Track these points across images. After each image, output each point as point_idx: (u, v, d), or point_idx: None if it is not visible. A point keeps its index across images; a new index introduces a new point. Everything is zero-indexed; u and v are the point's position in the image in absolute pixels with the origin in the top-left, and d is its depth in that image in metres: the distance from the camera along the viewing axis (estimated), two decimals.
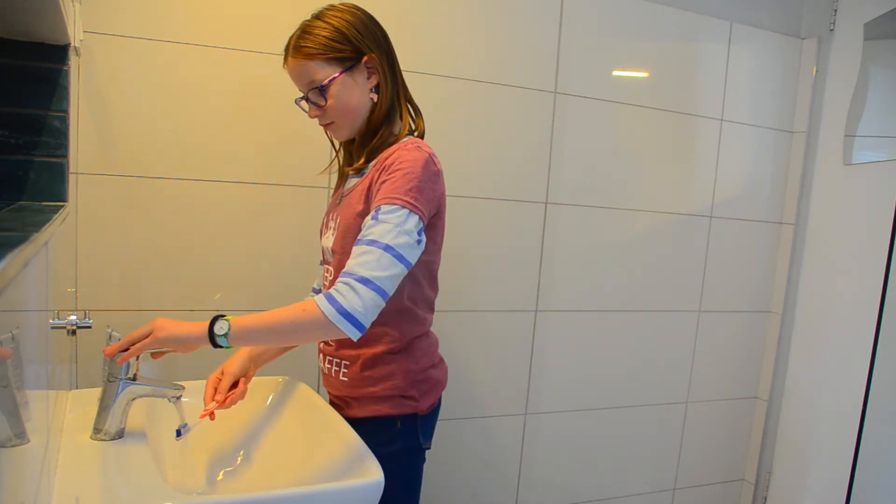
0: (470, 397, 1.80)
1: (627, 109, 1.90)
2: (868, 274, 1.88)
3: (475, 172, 1.74)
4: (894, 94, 1.91)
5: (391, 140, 1.13)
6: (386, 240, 0.97)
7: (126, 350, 0.99)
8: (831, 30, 2.06)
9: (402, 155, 1.05)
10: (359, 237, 1.00)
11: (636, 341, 2.02)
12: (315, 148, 1.56)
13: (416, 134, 1.18)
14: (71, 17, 1.04)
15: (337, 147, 1.26)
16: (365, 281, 0.94)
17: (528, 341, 1.88)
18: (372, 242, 0.97)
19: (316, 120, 1.17)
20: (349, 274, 0.96)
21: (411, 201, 1.00)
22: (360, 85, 1.11)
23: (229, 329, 0.96)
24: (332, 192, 1.59)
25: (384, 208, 1.00)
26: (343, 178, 1.24)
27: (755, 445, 2.24)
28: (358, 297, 0.93)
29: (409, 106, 1.19)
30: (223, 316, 0.98)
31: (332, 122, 1.14)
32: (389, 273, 0.96)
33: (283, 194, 1.55)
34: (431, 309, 1.20)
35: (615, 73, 1.88)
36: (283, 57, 1.14)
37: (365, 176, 1.12)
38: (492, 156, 1.76)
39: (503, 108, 1.75)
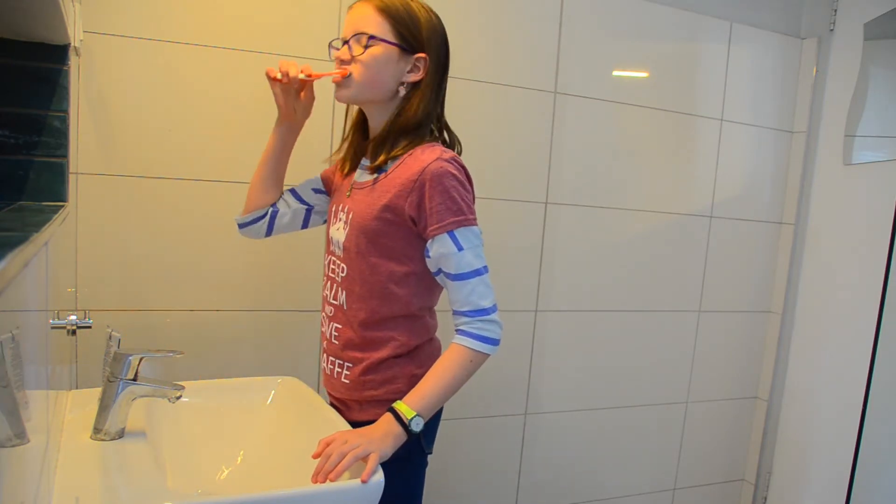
0: (470, 397, 1.80)
1: (627, 109, 1.90)
2: (868, 274, 1.88)
3: (475, 172, 1.72)
4: (894, 94, 1.91)
5: (416, 143, 1.12)
6: (479, 263, 1.08)
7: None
8: (831, 30, 2.06)
9: (445, 167, 1.06)
10: (454, 270, 1.07)
11: (636, 341, 2.02)
12: (315, 148, 1.56)
13: (438, 141, 1.17)
14: (71, 17, 1.04)
15: (346, 132, 1.23)
16: (492, 310, 1.09)
17: (528, 341, 1.88)
18: (476, 273, 1.07)
19: (316, 121, 1.16)
20: (478, 311, 1.08)
21: (471, 216, 1.09)
22: (399, 70, 1.10)
23: (423, 419, 1.04)
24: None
25: (461, 234, 1.06)
26: (349, 164, 1.21)
27: (755, 445, 2.24)
28: (497, 325, 1.09)
29: (446, 130, 1.19)
30: (395, 406, 1.03)
31: (349, 76, 1.10)
32: (491, 286, 1.09)
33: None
34: (435, 314, 1.21)
35: (615, 73, 1.88)
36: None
37: (387, 177, 1.10)
38: (492, 156, 1.76)
39: (503, 108, 1.75)
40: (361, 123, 1.20)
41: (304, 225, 1.32)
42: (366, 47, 1.08)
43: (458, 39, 1.67)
